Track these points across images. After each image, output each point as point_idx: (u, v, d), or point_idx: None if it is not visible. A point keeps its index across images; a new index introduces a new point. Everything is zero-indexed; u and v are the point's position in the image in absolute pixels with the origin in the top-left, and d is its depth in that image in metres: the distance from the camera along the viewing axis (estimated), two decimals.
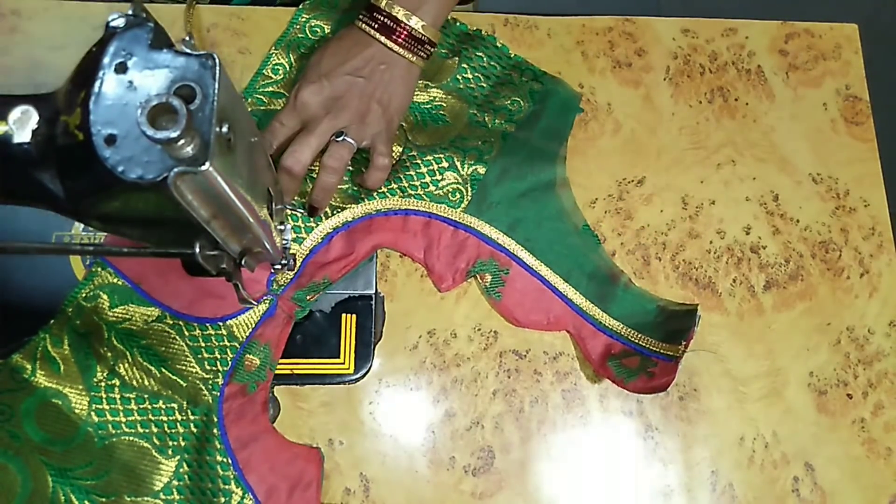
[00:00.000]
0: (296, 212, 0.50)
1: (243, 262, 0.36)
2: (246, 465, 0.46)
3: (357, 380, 0.49)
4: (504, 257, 0.52)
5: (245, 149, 0.32)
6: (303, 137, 0.46)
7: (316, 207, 0.49)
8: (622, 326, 0.51)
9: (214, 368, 0.47)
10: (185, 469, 0.45)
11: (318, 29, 0.56)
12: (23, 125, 0.29)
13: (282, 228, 0.44)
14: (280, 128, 0.48)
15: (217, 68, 0.27)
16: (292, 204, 0.50)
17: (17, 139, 0.29)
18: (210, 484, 0.45)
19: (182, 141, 0.25)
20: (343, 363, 0.49)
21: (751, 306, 0.54)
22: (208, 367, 0.47)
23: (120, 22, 0.28)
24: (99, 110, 0.27)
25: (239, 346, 0.48)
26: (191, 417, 0.46)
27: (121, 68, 0.27)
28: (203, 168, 0.26)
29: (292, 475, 0.46)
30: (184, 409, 0.46)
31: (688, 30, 0.60)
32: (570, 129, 0.56)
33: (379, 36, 0.47)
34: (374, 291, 0.51)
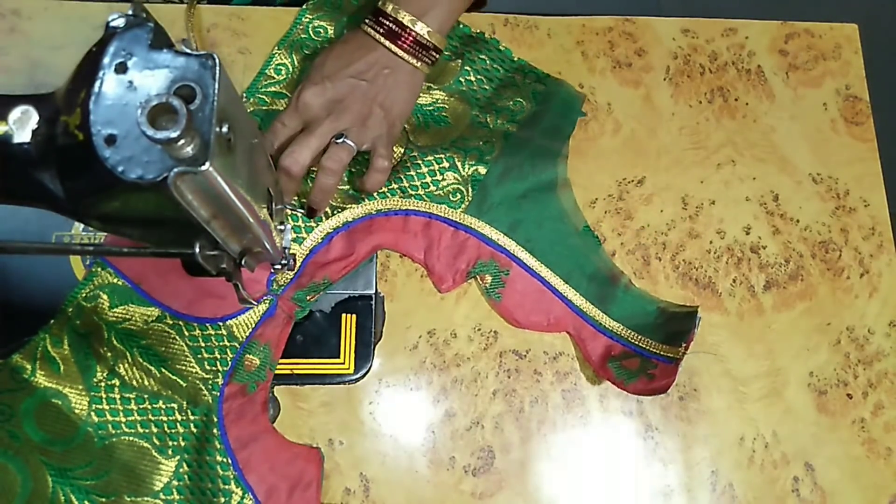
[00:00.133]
0: (296, 212, 0.50)
1: (243, 262, 0.36)
2: (246, 465, 0.46)
3: (357, 380, 0.49)
4: (504, 258, 0.52)
5: (245, 149, 0.32)
6: (302, 138, 0.46)
7: (314, 209, 0.49)
8: (622, 328, 0.51)
9: (214, 368, 0.47)
10: (185, 469, 0.45)
11: (322, 30, 0.56)
12: (23, 125, 0.29)
13: (282, 228, 0.44)
14: (282, 128, 0.48)
15: (217, 68, 0.27)
16: (292, 204, 0.50)
17: (17, 139, 0.29)
18: (210, 484, 0.45)
19: (182, 141, 0.25)
20: (343, 363, 0.49)
21: (751, 306, 0.54)
22: (208, 367, 0.47)
23: (120, 22, 0.28)
24: (99, 110, 0.27)
25: (239, 347, 0.48)
26: (191, 417, 0.46)
27: (121, 68, 0.27)
28: (203, 168, 0.26)
29: (292, 475, 0.46)
30: (184, 409, 0.46)
31: (688, 30, 0.60)
32: (573, 129, 0.56)
33: (384, 41, 0.47)
34: (374, 291, 0.51)
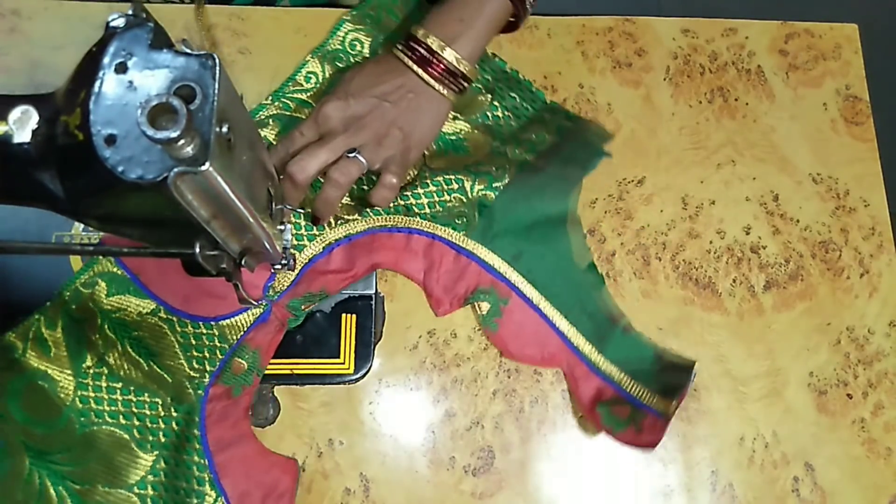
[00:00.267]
0: (299, 221, 0.50)
1: (243, 262, 0.36)
2: (222, 469, 0.45)
3: (357, 380, 0.49)
4: (505, 287, 0.50)
5: (245, 149, 0.32)
6: (314, 148, 0.46)
7: (318, 218, 0.49)
8: (617, 371, 0.49)
9: (202, 368, 0.47)
10: (162, 465, 0.45)
11: (358, 44, 0.55)
12: (23, 125, 0.29)
13: (282, 228, 0.44)
14: (299, 138, 0.48)
15: (217, 68, 0.27)
16: (296, 211, 0.49)
17: (17, 139, 0.29)
18: (185, 483, 0.45)
19: (182, 141, 0.25)
20: (343, 363, 0.49)
21: (751, 306, 0.54)
22: (196, 366, 0.47)
23: (120, 22, 0.28)
24: (99, 110, 0.27)
25: (228, 349, 0.47)
26: (173, 414, 0.46)
27: (121, 68, 0.27)
28: (203, 168, 0.26)
29: (267, 484, 0.46)
30: (167, 405, 0.46)
31: (688, 30, 0.60)
32: (593, 166, 0.54)
33: (414, 66, 0.47)
34: (374, 291, 0.51)
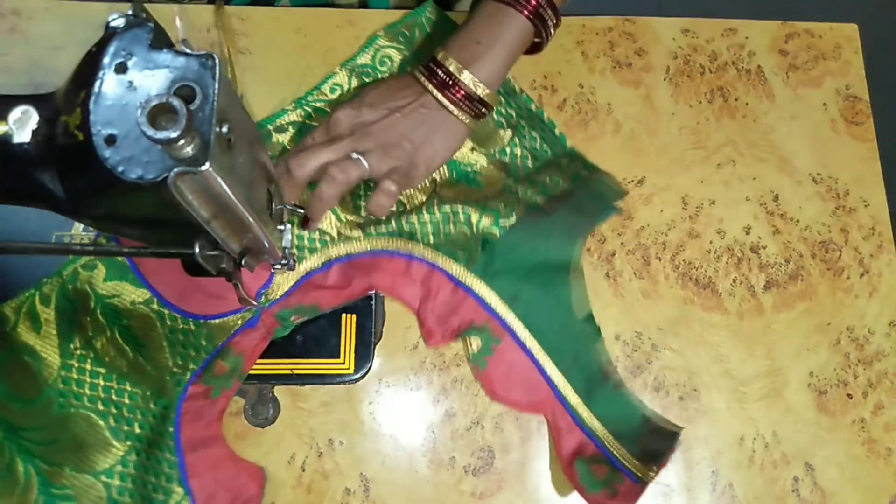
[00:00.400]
0: (301, 233, 0.50)
1: (243, 262, 0.36)
2: (192, 469, 0.45)
3: (357, 380, 0.49)
4: (499, 327, 0.50)
5: (245, 149, 0.32)
6: (317, 147, 0.46)
7: (310, 219, 0.48)
8: (601, 428, 0.49)
9: (185, 364, 0.47)
10: (133, 458, 0.46)
11: (388, 60, 0.56)
12: (23, 125, 0.29)
13: (282, 228, 0.44)
14: (310, 142, 0.48)
15: (217, 68, 0.27)
16: (296, 210, 0.49)
17: (17, 139, 0.29)
18: (153, 478, 0.45)
19: (182, 141, 0.25)
20: (343, 363, 0.49)
21: (751, 306, 0.54)
22: (180, 362, 0.47)
23: (120, 22, 0.28)
24: (99, 110, 0.27)
25: (213, 349, 0.47)
26: (151, 407, 0.46)
27: (121, 68, 0.27)
28: (203, 168, 0.26)
29: (234, 489, 0.46)
30: (147, 398, 0.46)
31: (688, 30, 0.60)
32: (602, 219, 0.54)
33: (431, 88, 0.47)
34: (374, 291, 0.51)
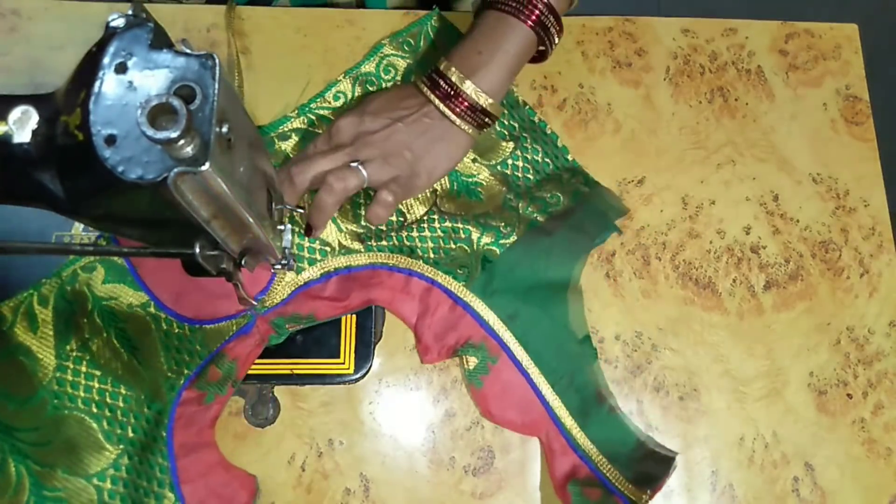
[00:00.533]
0: (302, 243, 0.50)
1: (243, 262, 0.36)
2: (183, 474, 0.45)
3: (357, 380, 0.49)
4: (496, 346, 0.49)
5: (245, 149, 0.32)
6: (318, 156, 0.46)
7: (312, 227, 0.48)
8: (595, 451, 0.48)
9: (179, 369, 0.47)
10: (126, 461, 0.45)
11: (392, 69, 0.56)
12: (23, 125, 0.29)
13: (282, 228, 0.44)
14: (312, 150, 0.48)
15: (217, 68, 0.27)
16: (296, 210, 0.49)
17: (17, 139, 0.29)
18: (145, 483, 0.45)
19: (182, 141, 0.25)
20: (343, 363, 0.49)
21: (751, 306, 0.54)
22: (174, 367, 0.47)
23: (120, 22, 0.28)
24: (99, 110, 0.27)
25: (208, 354, 0.47)
26: (145, 411, 0.46)
27: (121, 68, 0.27)
28: (203, 168, 0.26)
29: (224, 496, 0.46)
30: (141, 402, 0.46)
31: (688, 30, 0.60)
32: (602, 240, 0.53)
33: (434, 98, 0.47)
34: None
